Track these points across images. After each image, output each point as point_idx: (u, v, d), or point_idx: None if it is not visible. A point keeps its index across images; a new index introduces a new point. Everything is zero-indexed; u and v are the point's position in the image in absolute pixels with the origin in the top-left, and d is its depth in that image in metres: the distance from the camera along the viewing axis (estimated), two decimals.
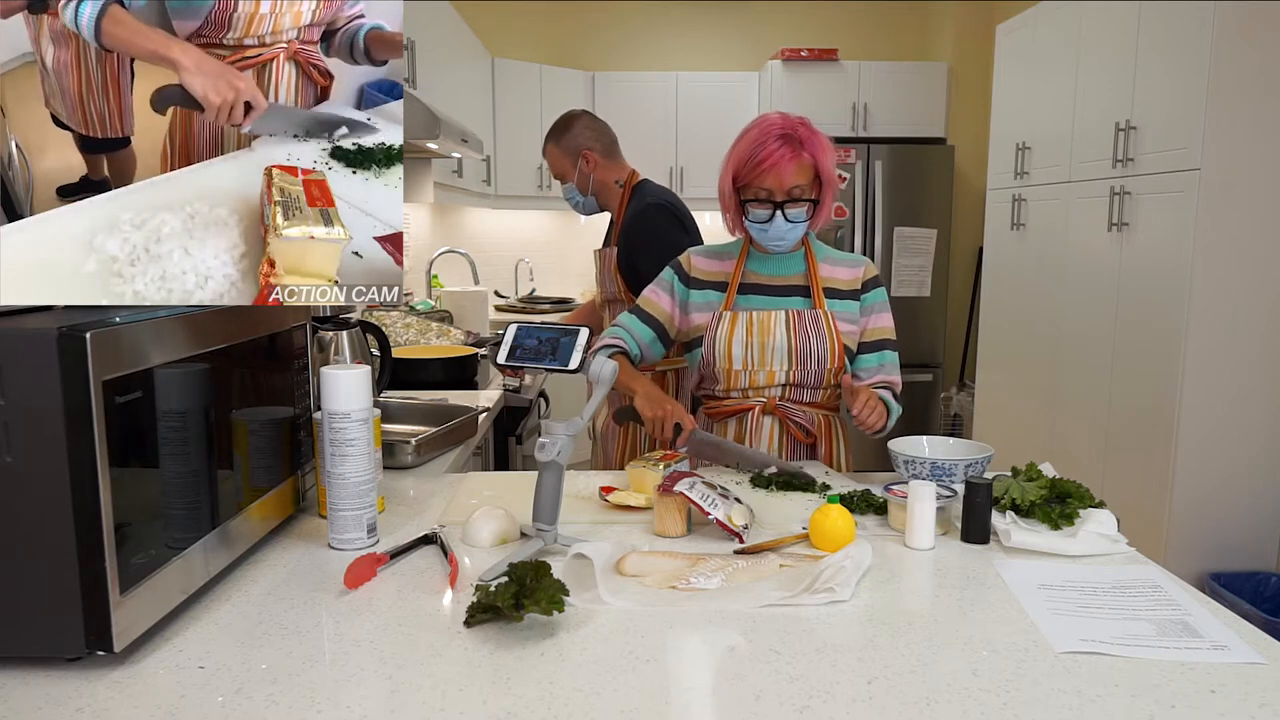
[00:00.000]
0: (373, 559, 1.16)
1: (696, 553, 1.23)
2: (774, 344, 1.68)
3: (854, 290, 1.74)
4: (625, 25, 5.35)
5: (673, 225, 2.35)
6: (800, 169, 1.61)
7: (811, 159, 1.61)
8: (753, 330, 1.68)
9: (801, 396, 1.73)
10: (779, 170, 1.59)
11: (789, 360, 1.68)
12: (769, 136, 1.59)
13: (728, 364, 1.70)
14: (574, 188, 2.50)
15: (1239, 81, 2.56)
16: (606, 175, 2.49)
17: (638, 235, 2.34)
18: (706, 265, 1.78)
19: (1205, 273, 2.66)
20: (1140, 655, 0.95)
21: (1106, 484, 3.06)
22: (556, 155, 2.50)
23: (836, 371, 1.70)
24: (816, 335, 1.67)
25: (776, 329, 1.68)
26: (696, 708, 0.87)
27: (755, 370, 1.69)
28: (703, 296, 1.76)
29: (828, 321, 1.69)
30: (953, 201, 4.80)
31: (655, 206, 2.37)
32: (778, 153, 1.58)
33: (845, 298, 1.73)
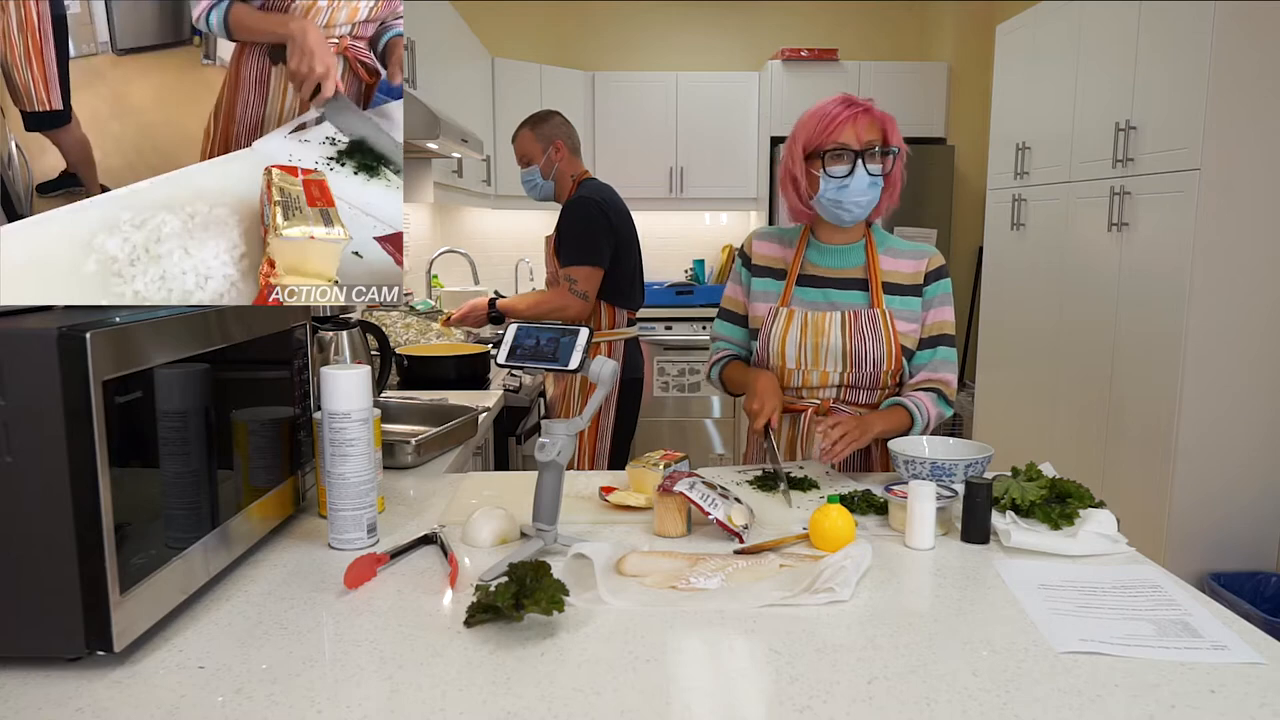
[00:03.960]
0: (373, 559, 1.16)
1: (696, 553, 1.23)
2: (828, 345, 1.65)
3: (916, 285, 1.69)
4: (625, 25, 5.35)
5: (595, 217, 2.65)
6: (872, 125, 1.61)
7: (880, 122, 1.61)
8: (807, 330, 1.66)
9: (857, 398, 1.70)
10: (856, 123, 1.59)
11: (843, 362, 1.65)
12: (835, 103, 1.61)
13: (781, 362, 1.68)
14: (538, 170, 2.77)
15: (1239, 81, 2.56)
16: (566, 168, 2.78)
17: (563, 220, 2.69)
18: (767, 249, 1.77)
19: (1205, 273, 2.66)
20: (1140, 655, 0.95)
21: (1106, 484, 3.06)
22: (529, 140, 2.77)
23: (894, 373, 1.67)
24: (874, 337, 1.64)
25: (831, 330, 1.65)
26: (696, 708, 0.87)
27: (809, 370, 1.67)
28: (762, 285, 1.75)
29: (885, 322, 1.65)
30: (953, 201, 4.80)
31: (584, 199, 2.68)
32: (848, 110, 1.59)
33: (907, 293, 1.68)
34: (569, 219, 2.67)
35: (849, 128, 1.59)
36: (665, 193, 5.17)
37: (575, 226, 2.65)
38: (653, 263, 3.09)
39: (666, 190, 5.17)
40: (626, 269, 2.75)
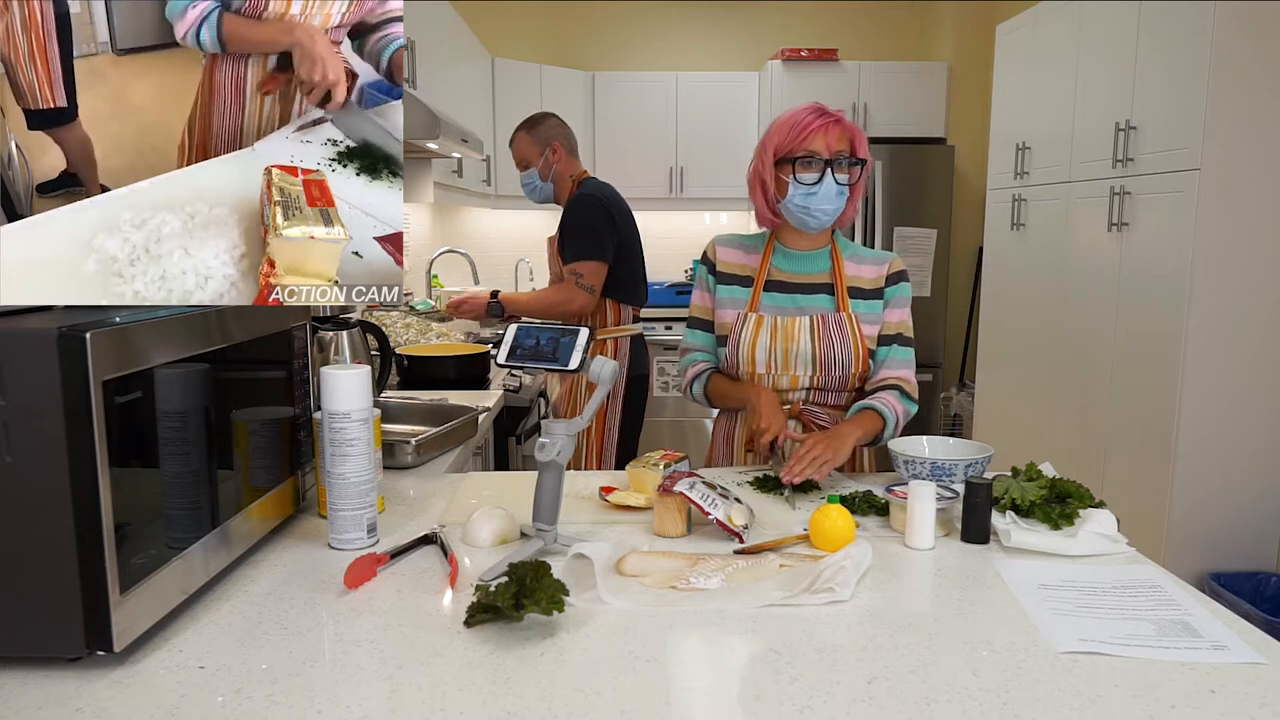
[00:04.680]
0: (373, 559, 1.16)
1: (696, 553, 1.23)
2: (798, 350, 1.67)
3: (878, 289, 1.72)
4: (625, 25, 5.35)
5: (597, 213, 2.66)
6: (842, 136, 1.63)
7: (850, 133, 1.64)
8: (777, 336, 1.68)
9: (826, 400, 1.73)
10: (827, 132, 1.62)
11: (813, 365, 1.68)
12: (807, 111, 1.64)
13: (751, 367, 1.70)
14: (536, 173, 2.77)
15: (1239, 81, 2.56)
16: (565, 169, 2.78)
17: (566, 218, 2.70)
18: (731, 256, 1.78)
19: (1205, 273, 2.66)
20: (1140, 655, 0.95)
21: (1106, 484, 3.06)
22: (526, 143, 2.78)
23: (861, 375, 1.70)
24: (841, 340, 1.67)
25: (801, 335, 1.67)
26: (696, 708, 0.87)
27: (778, 374, 1.69)
28: (729, 293, 1.76)
29: (852, 325, 1.67)
30: (953, 201, 4.80)
31: (586, 196, 2.69)
32: (820, 120, 1.62)
33: (870, 297, 1.72)
34: (572, 216, 2.68)
35: (820, 136, 1.62)
36: (665, 193, 5.17)
37: (578, 223, 2.66)
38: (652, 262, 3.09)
39: (666, 190, 5.17)
40: (630, 265, 2.75)
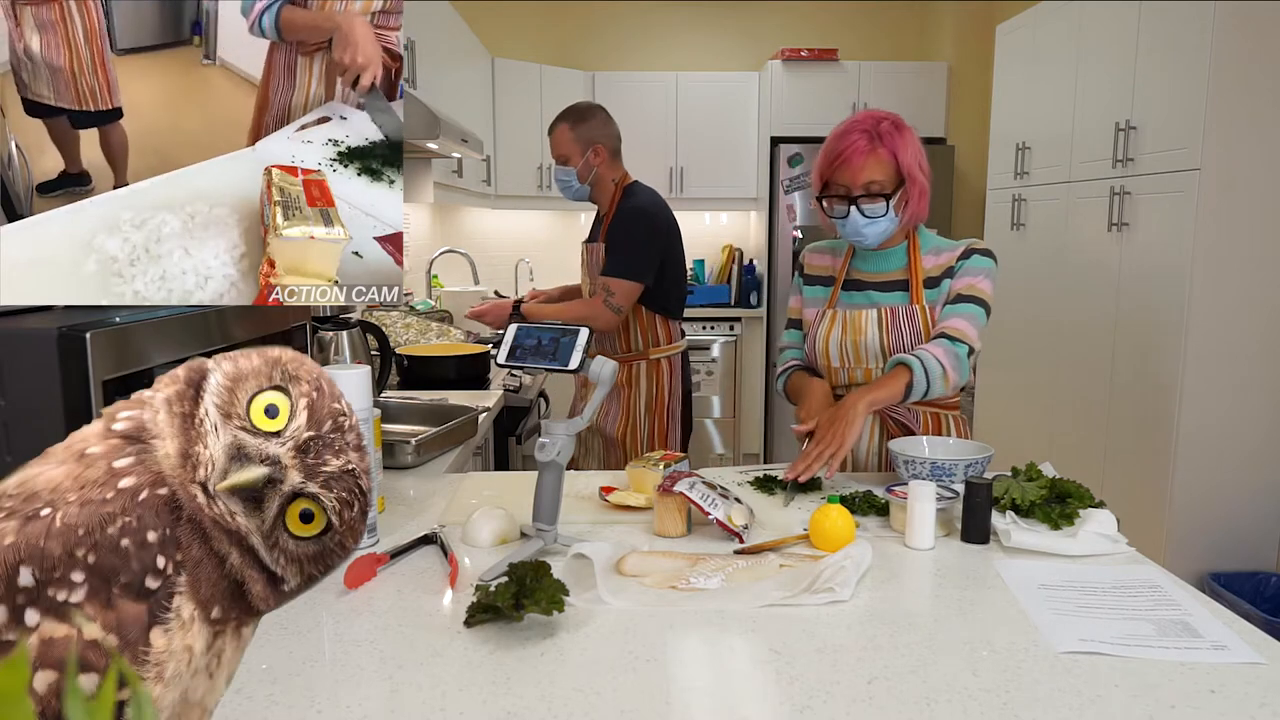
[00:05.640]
0: (373, 559, 1.16)
1: (696, 553, 1.23)
2: (866, 342, 1.68)
3: (950, 268, 1.68)
4: (625, 25, 5.35)
5: (648, 233, 2.55)
6: (877, 164, 1.60)
7: (890, 154, 1.60)
8: (847, 329, 1.69)
9: None
10: (851, 165, 1.60)
11: (883, 358, 1.67)
12: (852, 130, 1.62)
13: (826, 361, 1.72)
14: (574, 173, 2.59)
15: (1239, 81, 2.56)
16: (607, 173, 2.62)
17: (617, 231, 2.55)
18: (817, 260, 1.82)
19: (1205, 273, 2.66)
20: (1140, 655, 0.95)
21: (1106, 484, 3.06)
22: (568, 139, 2.57)
23: None
24: (911, 331, 1.66)
25: (869, 327, 1.68)
26: (696, 708, 0.87)
27: (852, 367, 1.70)
28: (812, 293, 1.80)
29: (924, 316, 1.66)
30: (953, 201, 4.80)
31: (640, 211, 2.56)
32: (852, 147, 1.60)
33: (941, 279, 1.69)
34: (622, 230, 2.55)
35: (847, 170, 1.61)
36: (665, 193, 5.09)
37: (627, 237, 2.53)
38: None
39: (666, 190, 5.16)
40: (675, 279, 2.67)
